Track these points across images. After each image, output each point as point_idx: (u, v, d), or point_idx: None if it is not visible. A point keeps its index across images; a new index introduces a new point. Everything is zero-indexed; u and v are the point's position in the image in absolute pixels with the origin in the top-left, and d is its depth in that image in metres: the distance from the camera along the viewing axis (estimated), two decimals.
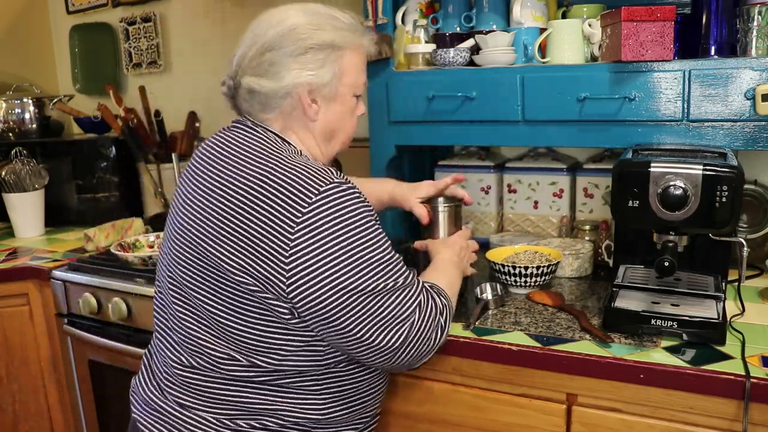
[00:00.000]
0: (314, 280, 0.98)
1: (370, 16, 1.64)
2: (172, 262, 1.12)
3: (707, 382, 1.07)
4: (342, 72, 1.13)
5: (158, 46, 2.69)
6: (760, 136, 1.30)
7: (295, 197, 0.98)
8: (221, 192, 1.05)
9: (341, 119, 1.17)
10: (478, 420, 1.29)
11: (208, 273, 1.05)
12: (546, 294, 1.43)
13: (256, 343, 1.04)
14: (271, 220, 0.98)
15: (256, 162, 1.04)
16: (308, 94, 1.11)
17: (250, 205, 1.00)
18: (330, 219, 0.98)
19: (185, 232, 1.09)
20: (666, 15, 1.28)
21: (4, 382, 2.01)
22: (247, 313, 1.03)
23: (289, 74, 1.09)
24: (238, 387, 1.08)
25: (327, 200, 0.99)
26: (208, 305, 1.06)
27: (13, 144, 2.43)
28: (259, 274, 0.99)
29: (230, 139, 1.12)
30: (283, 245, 0.98)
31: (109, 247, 2.02)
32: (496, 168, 1.87)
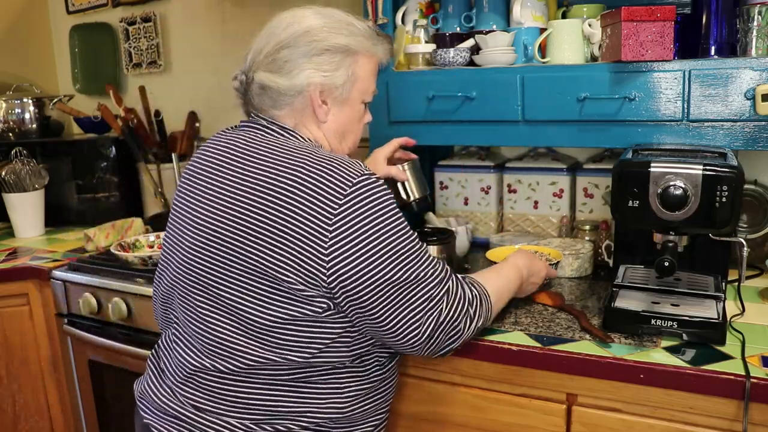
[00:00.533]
0: (353, 271, 1.00)
1: (370, 16, 1.64)
2: (195, 265, 1.10)
3: (707, 382, 1.07)
4: (356, 77, 1.15)
5: (158, 46, 2.69)
6: (760, 136, 1.30)
7: (331, 190, 1.00)
8: (252, 191, 1.04)
9: (350, 123, 1.19)
10: (478, 420, 1.29)
11: (247, 274, 1.04)
12: (546, 294, 1.43)
13: (290, 339, 1.04)
14: (309, 214, 1.00)
15: (284, 158, 1.05)
16: (320, 94, 1.12)
17: (286, 201, 1.01)
18: (365, 210, 1.00)
19: (210, 233, 1.07)
20: (666, 15, 1.28)
21: (4, 382, 2.01)
22: (286, 311, 1.03)
23: (303, 73, 1.10)
24: (265, 390, 1.07)
25: (361, 191, 1.01)
26: (243, 307, 1.05)
27: (13, 144, 2.43)
28: (301, 269, 1.00)
29: (247, 138, 1.13)
30: (322, 238, 0.99)
31: (109, 247, 2.02)
32: (496, 168, 1.87)
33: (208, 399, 1.10)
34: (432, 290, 1.06)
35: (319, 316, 1.04)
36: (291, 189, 1.01)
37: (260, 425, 1.08)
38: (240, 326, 1.06)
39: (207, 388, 1.10)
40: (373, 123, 1.69)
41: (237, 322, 1.06)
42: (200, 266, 1.09)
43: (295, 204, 1.00)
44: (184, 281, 1.12)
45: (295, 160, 1.04)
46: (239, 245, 1.04)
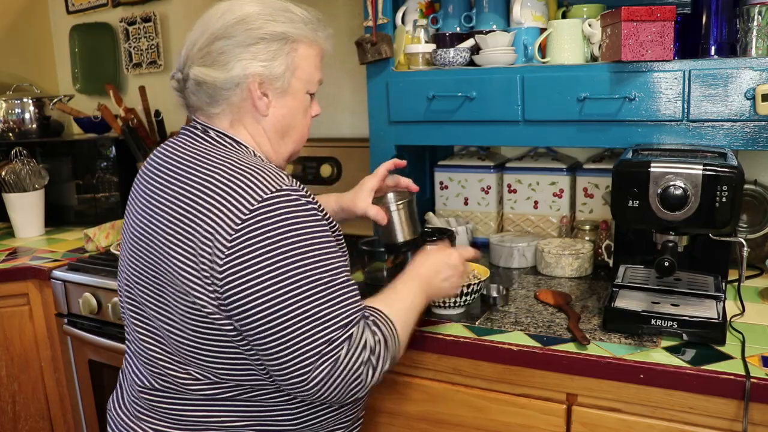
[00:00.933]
0: (245, 292, 0.93)
1: (370, 16, 1.64)
2: (129, 280, 1.08)
3: (707, 382, 1.07)
4: (295, 66, 1.08)
5: (158, 46, 2.69)
6: (760, 136, 1.30)
7: (237, 204, 0.94)
8: (167, 201, 1.01)
9: (293, 116, 1.12)
10: (478, 420, 1.29)
11: (162, 289, 1.01)
12: (550, 293, 1.43)
13: (214, 360, 1.00)
14: (209, 232, 0.94)
15: (201, 168, 1.00)
16: (259, 86, 1.05)
17: (194, 213, 0.96)
18: (267, 232, 0.92)
19: (139, 249, 1.04)
20: (666, 15, 1.28)
21: (4, 382, 2.01)
22: (200, 329, 0.98)
23: (239, 64, 1.03)
24: (204, 406, 1.04)
25: (267, 209, 0.93)
26: (164, 323, 1.02)
27: (13, 144, 2.43)
28: (203, 290, 0.95)
29: (177, 147, 1.08)
30: (218, 258, 0.93)
31: (109, 247, 2.02)
32: (496, 168, 1.87)
33: (158, 419, 1.08)
34: (332, 332, 0.94)
35: (231, 339, 0.98)
36: (201, 200, 0.96)
37: None
38: (163, 344, 1.04)
39: (154, 407, 1.08)
40: (373, 123, 1.71)
41: (162, 339, 1.04)
42: (135, 284, 1.07)
43: (200, 219, 0.95)
44: (127, 300, 1.11)
45: (208, 172, 0.98)
46: (157, 260, 1.00)
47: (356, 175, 2.13)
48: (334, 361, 0.95)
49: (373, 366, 0.99)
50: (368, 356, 0.98)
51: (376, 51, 1.62)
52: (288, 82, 1.08)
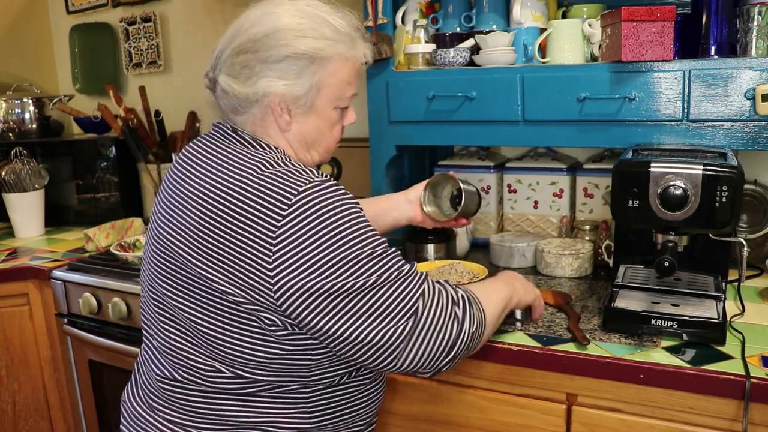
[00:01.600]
0: (300, 284, 0.94)
1: (370, 16, 1.64)
2: (153, 274, 1.09)
3: (707, 382, 1.07)
4: (322, 85, 1.06)
5: (158, 46, 2.69)
6: (760, 136, 1.30)
7: (274, 202, 0.95)
8: (200, 202, 1.01)
9: (318, 132, 1.11)
10: (478, 420, 1.29)
11: (191, 285, 1.01)
12: (550, 293, 1.43)
13: (240, 354, 1.01)
14: (252, 228, 0.95)
15: (234, 170, 1.00)
16: (280, 103, 1.05)
17: (230, 215, 0.97)
18: (310, 220, 0.94)
19: (165, 244, 1.05)
20: (666, 15, 1.28)
21: (4, 382, 2.01)
22: (232, 324, 0.99)
23: (262, 81, 1.03)
24: (222, 400, 1.05)
25: (305, 202, 0.95)
26: (190, 317, 1.03)
27: (13, 144, 2.43)
28: (246, 285, 0.96)
29: (207, 147, 1.08)
30: (266, 252, 0.94)
31: (109, 247, 2.03)
32: (496, 168, 1.87)
33: (173, 410, 1.09)
34: (400, 294, 0.96)
35: (273, 334, 0.99)
36: (235, 203, 0.97)
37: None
38: (189, 336, 1.04)
39: (171, 398, 1.09)
40: (373, 123, 1.71)
41: (187, 332, 1.05)
42: (159, 278, 1.07)
43: (239, 218, 0.96)
44: (149, 292, 1.12)
45: (241, 173, 0.99)
46: (189, 259, 1.01)
47: (356, 175, 2.14)
48: (414, 320, 0.95)
49: (459, 318, 0.99)
50: (451, 307, 0.99)
51: (376, 51, 1.62)
52: (312, 100, 1.06)
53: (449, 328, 0.99)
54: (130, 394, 1.19)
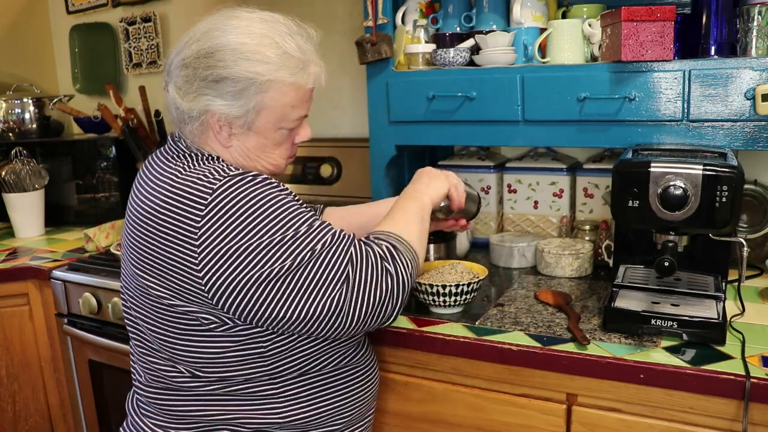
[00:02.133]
0: (229, 276, 0.95)
1: (370, 16, 1.64)
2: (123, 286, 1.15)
3: (707, 382, 1.07)
4: (261, 107, 1.04)
5: (158, 46, 2.69)
6: (760, 136, 1.30)
7: (191, 203, 0.97)
8: (135, 214, 1.06)
9: (261, 150, 1.09)
10: (477, 420, 1.29)
11: (139, 294, 1.06)
12: (550, 293, 1.43)
13: (191, 355, 1.04)
14: (175, 231, 0.97)
15: (159, 178, 1.04)
16: (218, 121, 1.04)
17: (154, 221, 1.00)
18: (228, 215, 0.95)
19: (124, 257, 1.11)
20: (666, 15, 1.28)
21: (4, 382, 2.01)
22: (175, 327, 1.03)
23: (201, 98, 1.03)
24: (192, 400, 1.07)
25: (221, 197, 0.96)
26: (146, 323, 1.07)
27: (13, 144, 2.43)
28: (178, 287, 0.99)
29: (154, 159, 1.12)
30: (191, 253, 0.96)
31: (109, 247, 2.02)
32: (496, 168, 1.87)
33: (154, 413, 1.12)
34: (329, 265, 0.97)
35: (213, 329, 1.01)
36: (157, 210, 1.00)
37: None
38: (148, 343, 1.09)
39: (151, 402, 1.12)
40: (373, 123, 1.71)
41: (146, 339, 1.10)
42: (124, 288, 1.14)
43: (162, 224, 0.99)
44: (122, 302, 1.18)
45: (163, 180, 1.02)
46: (133, 268, 1.06)
47: (356, 175, 2.14)
48: (347, 286, 0.98)
49: (391, 273, 1.02)
50: (381, 264, 1.01)
51: (376, 51, 1.62)
52: (251, 121, 1.05)
53: (384, 283, 1.01)
54: (129, 401, 1.23)
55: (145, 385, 1.12)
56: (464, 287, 1.33)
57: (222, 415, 1.07)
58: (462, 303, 1.36)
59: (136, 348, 1.13)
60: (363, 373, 1.18)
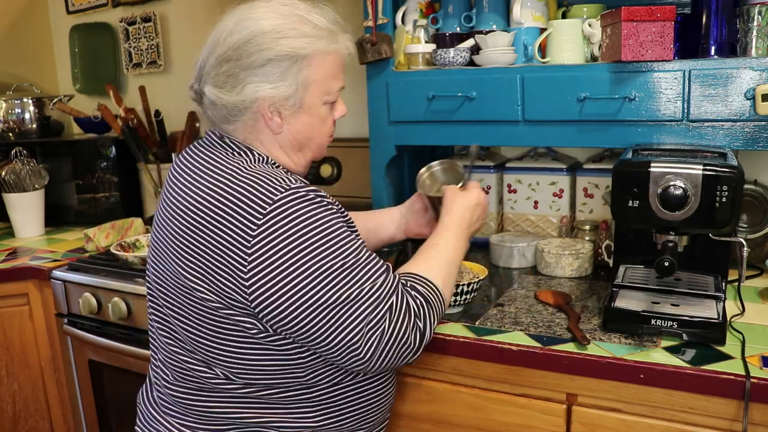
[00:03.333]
0: (276, 295, 0.95)
1: (370, 16, 1.64)
2: (152, 284, 1.12)
3: (707, 382, 1.07)
4: (308, 82, 1.06)
5: (158, 46, 2.69)
6: (760, 136, 1.30)
7: (250, 209, 0.95)
8: (183, 209, 1.02)
9: (310, 129, 1.11)
10: (478, 420, 1.29)
11: (179, 293, 1.04)
12: (550, 293, 1.43)
13: (229, 359, 1.02)
14: (228, 235, 0.96)
15: (212, 176, 1.01)
16: (269, 107, 1.05)
17: (207, 221, 0.98)
18: (286, 229, 0.94)
19: (160, 253, 1.08)
20: (666, 15, 1.28)
21: (4, 382, 2.01)
22: (216, 330, 1.01)
23: (248, 88, 1.03)
24: (225, 402, 1.06)
25: (282, 209, 0.95)
26: (182, 324, 1.05)
27: (13, 144, 2.43)
28: (222, 291, 0.97)
29: (196, 154, 1.09)
30: (241, 260, 0.95)
31: (109, 247, 2.03)
32: (496, 168, 1.87)
33: (183, 414, 1.10)
34: (370, 309, 0.98)
35: (257, 338, 1.00)
36: (213, 207, 0.98)
37: None
38: (183, 345, 1.07)
39: (180, 403, 1.10)
40: (373, 123, 1.71)
41: (180, 341, 1.07)
42: (153, 286, 1.11)
43: (216, 224, 0.97)
44: (148, 294, 1.15)
45: (221, 177, 1.00)
46: (174, 265, 1.03)
47: (356, 175, 2.14)
48: (381, 334, 0.99)
49: (420, 329, 1.04)
50: (413, 320, 1.03)
51: (376, 51, 1.62)
52: (300, 99, 1.06)
53: (411, 339, 1.03)
54: (145, 397, 1.20)
55: (173, 384, 1.10)
56: (464, 287, 1.33)
57: (254, 419, 1.06)
58: (462, 303, 1.36)
59: (167, 346, 1.09)
60: (387, 377, 1.19)
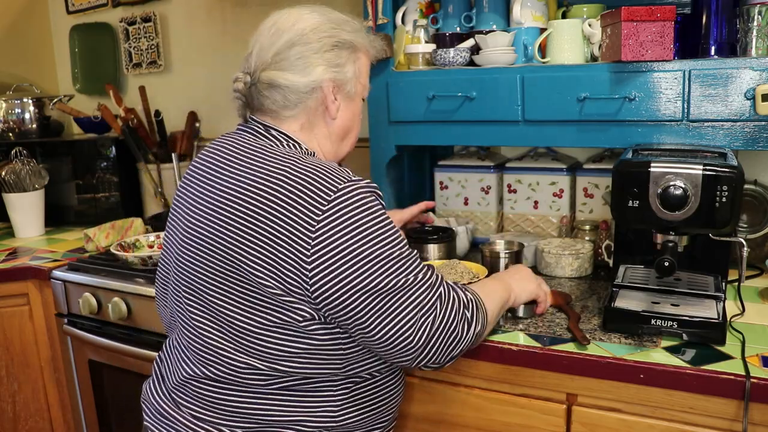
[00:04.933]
0: (337, 279, 0.98)
1: (370, 16, 1.64)
2: (187, 270, 1.10)
3: (707, 382, 1.07)
4: (360, 72, 1.17)
5: (158, 46, 2.69)
6: (760, 136, 1.30)
7: (315, 196, 0.99)
8: (240, 195, 1.03)
9: (354, 119, 1.21)
10: (478, 420, 1.29)
11: (230, 279, 1.03)
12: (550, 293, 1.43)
13: (275, 349, 1.03)
14: (292, 220, 0.98)
15: (272, 163, 1.04)
16: (334, 89, 1.13)
17: (270, 206, 1.00)
18: (349, 217, 0.98)
19: (200, 239, 1.07)
20: (666, 15, 1.28)
21: (4, 382, 2.01)
22: (267, 317, 1.02)
23: (317, 69, 1.11)
24: (255, 398, 1.07)
25: (345, 198, 0.99)
26: (228, 312, 1.04)
27: (13, 144, 2.43)
28: (283, 275, 0.99)
29: (241, 143, 1.11)
30: (304, 245, 0.97)
31: (109, 247, 2.02)
32: (496, 168, 1.87)
33: (200, 407, 1.10)
34: (423, 296, 1.02)
35: (303, 326, 1.01)
36: (274, 195, 1.00)
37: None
38: (225, 332, 1.06)
39: (199, 395, 1.10)
40: (373, 123, 1.71)
41: (223, 328, 1.06)
42: (191, 271, 1.09)
43: (278, 210, 0.99)
44: (178, 285, 1.13)
45: (280, 166, 1.03)
46: (229, 252, 1.03)
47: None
48: (432, 320, 1.02)
49: (468, 321, 1.06)
50: (462, 310, 1.06)
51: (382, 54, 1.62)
52: (354, 87, 1.17)
53: (460, 329, 1.05)
54: (153, 392, 1.19)
55: (198, 376, 1.09)
56: None
57: (275, 417, 1.07)
58: None
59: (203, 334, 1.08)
60: (399, 377, 1.20)
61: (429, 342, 1.02)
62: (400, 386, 1.21)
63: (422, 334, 1.01)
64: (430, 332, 1.02)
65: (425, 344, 1.02)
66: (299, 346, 1.03)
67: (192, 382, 1.10)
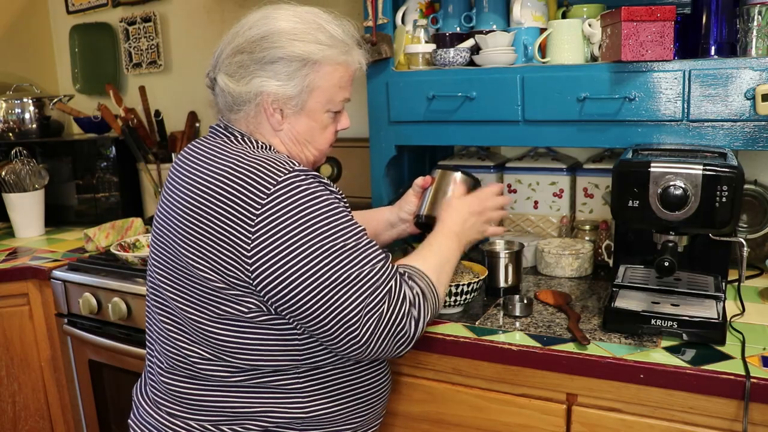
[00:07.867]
0: (278, 273, 0.97)
1: (370, 16, 1.64)
2: (153, 270, 1.14)
3: (707, 382, 1.07)
4: (313, 87, 1.10)
5: (158, 46, 2.69)
6: (760, 136, 1.30)
7: (254, 189, 0.98)
8: (187, 194, 1.05)
9: (309, 132, 1.15)
10: (478, 420, 1.29)
11: (181, 276, 1.06)
12: (550, 293, 1.43)
13: (229, 342, 1.04)
14: (231, 215, 0.98)
15: (216, 161, 1.05)
16: (272, 103, 1.09)
17: (211, 201, 1.01)
18: (290, 209, 0.97)
19: (162, 240, 1.10)
20: (666, 15, 1.28)
21: (4, 382, 2.01)
22: (217, 312, 1.03)
23: (255, 80, 1.07)
24: (217, 390, 1.08)
25: (286, 189, 0.98)
26: (182, 307, 1.07)
27: (13, 144, 2.43)
28: (225, 270, 1.00)
29: (200, 145, 1.13)
30: (244, 239, 0.98)
31: (109, 247, 2.02)
32: (496, 168, 1.87)
33: (172, 402, 1.12)
34: (370, 291, 1.00)
35: (252, 317, 1.02)
36: (215, 191, 1.01)
37: (219, 427, 1.09)
38: (182, 327, 1.08)
39: (171, 391, 1.12)
40: (373, 123, 1.70)
41: (179, 323, 1.09)
42: (158, 273, 1.12)
43: (218, 206, 1.00)
44: (150, 288, 1.17)
45: (225, 162, 1.03)
46: (176, 249, 1.05)
47: (356, 175, 2.14)
48: (379, 316, 1.01)
49: (415, 318, 1.05)
50: (409, 308, 1.04)
51: (376, 51, 1.62)
52: (303, 102, 1.11)
53: (407, 326, 1.04)
54: (139, 392, 1.22)
55: (167, 373, 1.11)
56: (464, 287, 1.33)
57: (244, 409, 1.07)
58: (462, 303, 1.36)
59: (166, 332, 1.11)
60: (380, 374, 1.20)
61: (374, 338, 1.01)
62: (382, 383, 1.20)
63: (367, 329, 1.00)
64: (376, 329, 1.01)
65: (370, 340, 1.01)
66: (252, 337, 1.03)
67: (164, 378, 1.13)
